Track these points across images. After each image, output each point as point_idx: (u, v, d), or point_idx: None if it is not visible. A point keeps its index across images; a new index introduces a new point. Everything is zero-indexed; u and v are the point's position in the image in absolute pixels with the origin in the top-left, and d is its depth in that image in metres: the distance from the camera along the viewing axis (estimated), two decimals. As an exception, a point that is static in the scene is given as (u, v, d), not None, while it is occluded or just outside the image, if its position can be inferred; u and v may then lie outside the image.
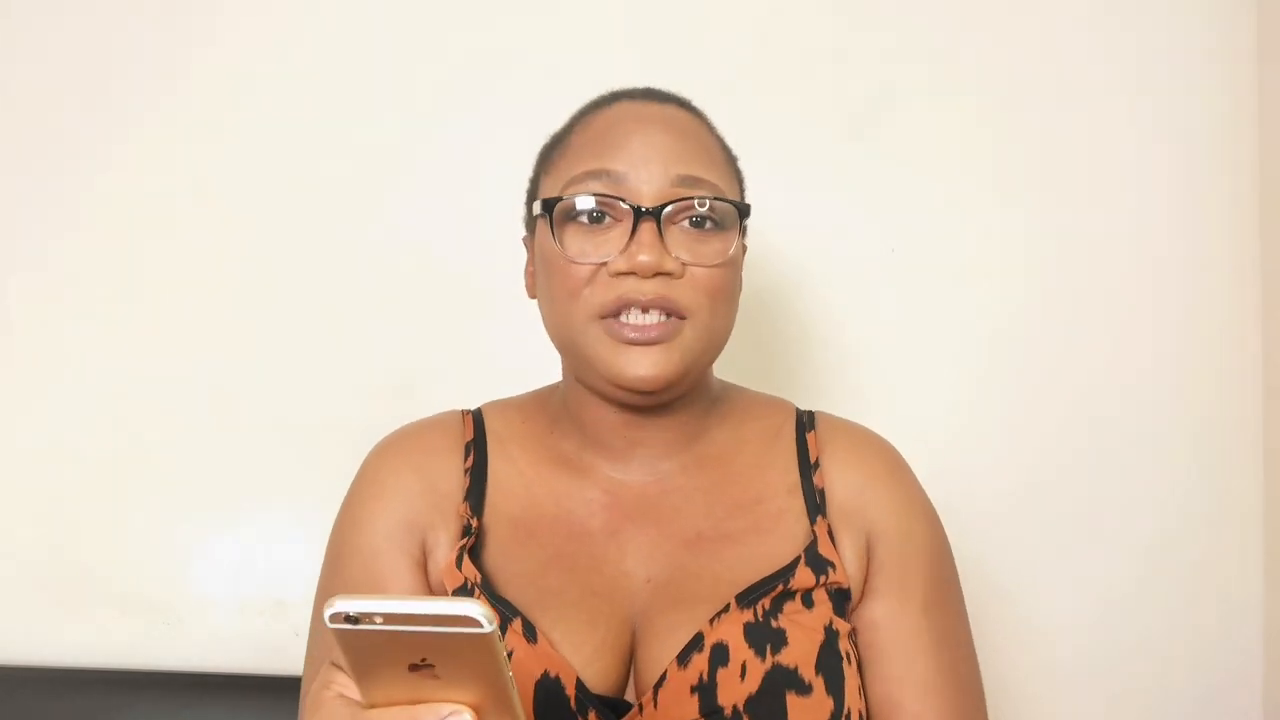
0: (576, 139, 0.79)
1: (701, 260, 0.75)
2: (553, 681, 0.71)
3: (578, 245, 0.76)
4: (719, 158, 0.80)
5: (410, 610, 0.48)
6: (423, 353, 1.34)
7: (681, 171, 0.75)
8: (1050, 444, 1.32)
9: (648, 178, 0.75)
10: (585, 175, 0.76)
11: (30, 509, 1.35)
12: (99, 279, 1.36)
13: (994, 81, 1.33)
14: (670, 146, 0.76)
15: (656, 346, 0.74)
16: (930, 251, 1.33)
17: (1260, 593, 1.30)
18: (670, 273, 0.74)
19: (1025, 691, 1.29)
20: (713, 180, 0.76)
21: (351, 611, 0.48)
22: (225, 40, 1.37)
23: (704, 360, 0.78)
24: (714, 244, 0.76)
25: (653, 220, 0.73)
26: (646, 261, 0.72)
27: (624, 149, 0.75)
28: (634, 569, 0.78)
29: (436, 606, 0.48)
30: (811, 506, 0.80)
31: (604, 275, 0.75)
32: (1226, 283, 1.32)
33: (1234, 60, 1.33)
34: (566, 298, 0.76)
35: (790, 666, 0.71)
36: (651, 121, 0.77)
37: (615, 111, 0.79)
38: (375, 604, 0.48)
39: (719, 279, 0.76)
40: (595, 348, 0.75)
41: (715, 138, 0.82)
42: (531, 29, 1.35)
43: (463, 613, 0.48)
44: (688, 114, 0.81)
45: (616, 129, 0.77)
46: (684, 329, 0.75)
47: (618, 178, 0.75)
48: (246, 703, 1.24)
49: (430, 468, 0.82)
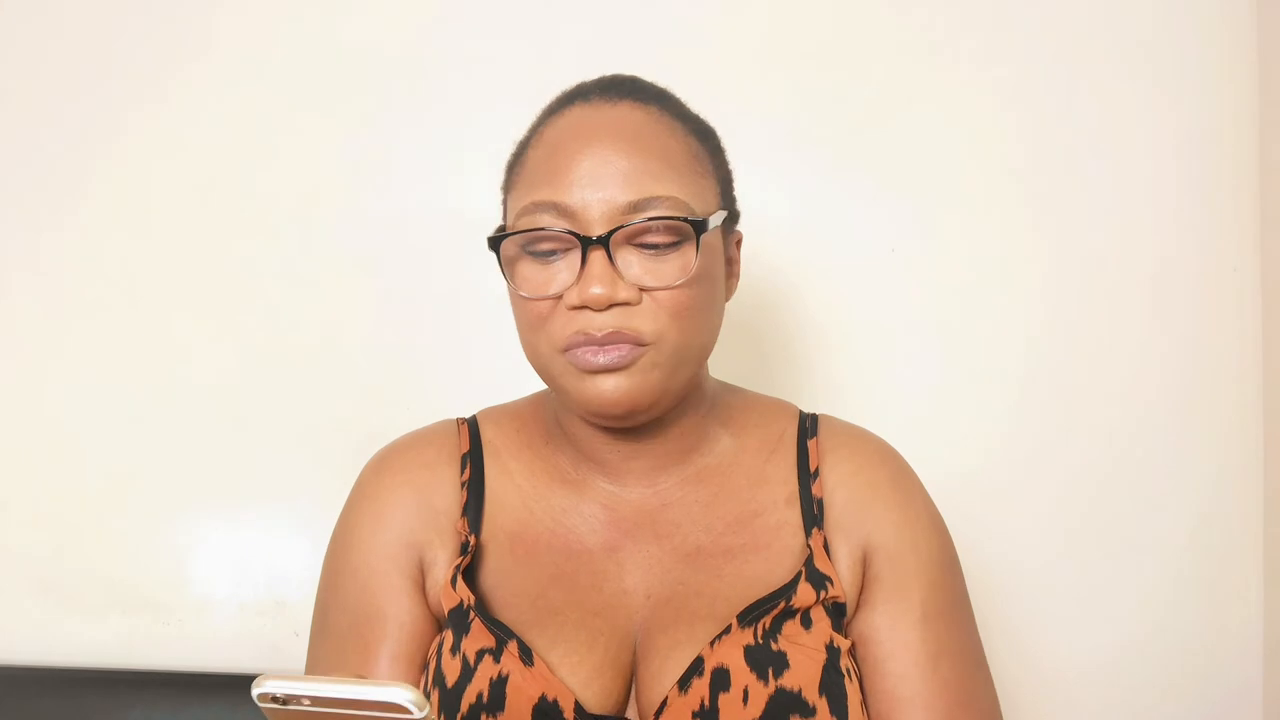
0: (530, 157, 0.76)
1: (661, 282, 0.72)
2: (550, 705, 0.70)
3: (533, 280, 0.73)
4: (680, 160, 0.74)
5: (338, 694, 0.47)
6: (423, 353, 1.33)
7: (633, 194, 0.71)
8: (1050, 444, 1.32)
9: (597, 204, 0.71)
10: (533, 206, 0.73)
11: (31, 509, 1.35)
12: (100, 280, 1.36)
13: (994, 81, 1.33)
14: (621, 166, 0.72)
15: (620, 373, 0.71)
16: (930, 252, 1.33)
17: (1260, 593, 1.30)
18: (626, 302, 0.71)
19: (1023, 691, 1.29)
20: (669, 194, 0.72)
21: (279, 693, 0.48)
22: (225, 41, 1.36)
23: (680, 377, 0.75)
24: (673, 263, 0.72)
25: (602, 249, 0.70)
26: (599, 294, 0.70)
27: (572, 174, 0.72)
28: (634, 586, 0.77)
29: (365, 692, 0.47)
30: (809, 518, 0.79)
31: (562, 308, 0.72)
32: (1228, 285, 1.32)
33: (1235, 60, 1.32)
34: (530, 331, 0.75)
35: (794, 690, 0.70)
36: (602, 136, 0.73)
37: (568, 121, 0.75)
38: (303, 686, 0.48)
39: (683, 299, 0.72)
40: (563, 379, 0.74)
41: (680, 132, 0.76)
42: (531, 28, 1.34)
43: (391, 699, 0.47)
44: (646, 112, 0.75)
45: (565, 149, 0.73)
46: (646, 355, 0.72)
47: (566, 208, 0.71)
48: (246, 703, 1.23)
49: (427, 484, 0.81)
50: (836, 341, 1.33)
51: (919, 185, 1.32)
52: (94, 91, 1.37)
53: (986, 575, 1.22)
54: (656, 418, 0.77)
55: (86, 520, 1.34)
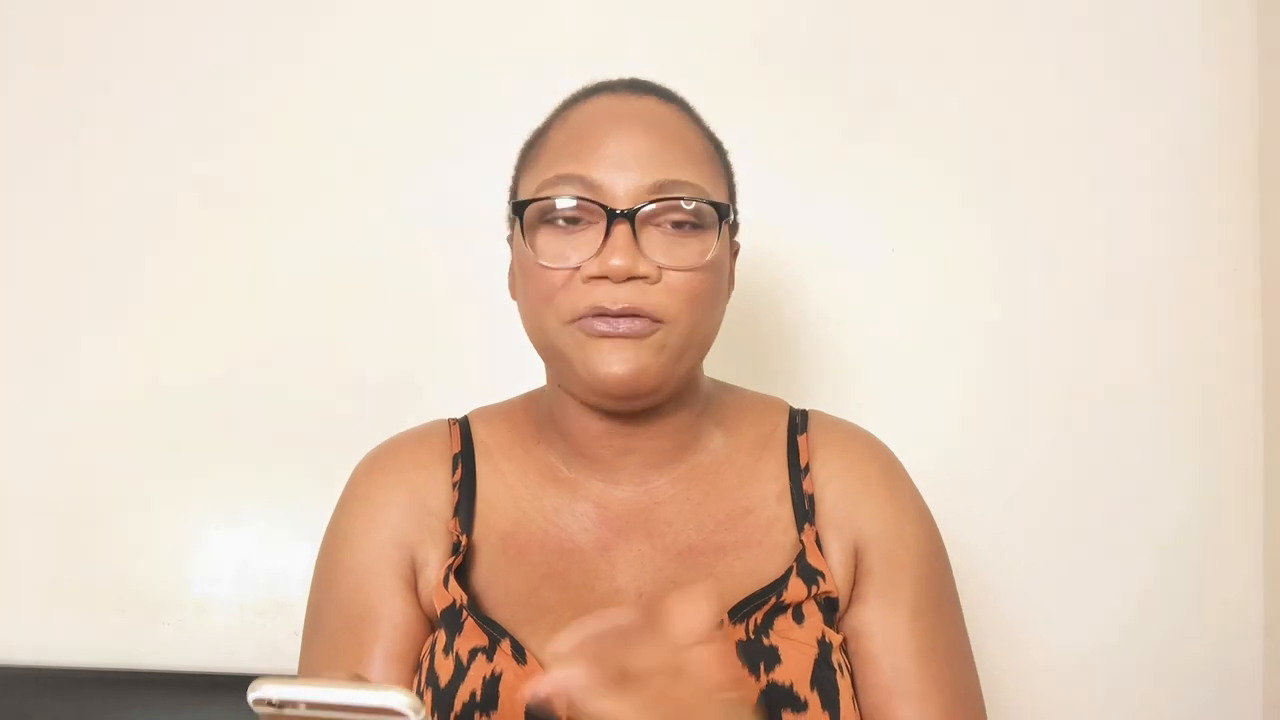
0: (554, 137, 0.77)
1: (679, 263, 0.73)
2: (544, 703, 0.70)
3: (552, 249, 0.73)
4: (700, 154, 0.76)
5: (333, 699, 0.48)
6: (422, 353, 1.33)
7: (659, 175, 0.72)
8: (1050, 444, 1.32)
9: (623, 181, 0.72)
10: (559, 179, 0.73)
11: (31, 509, 1.35)
12: (99, 280, 1.36)
13: (995, 81, 1.33)
14: (647, 148, 0.73)
15: (629, 341, 0.71)
16: (930, 252, 1.32)
17: (1260, 593, 1.30)
18: (645, 277, 0.71)
19: (1022, 692, 1.29)
20: (692, 180, 0.73)
21: (274, 698, 0.48)
22: (226, 41, 1.36)
23: (684, 364, 0.75)
24: (692, 246, 0.73)
25: (627, 223, 0.71)
26: (619, 265, 0.70)
27: (599, 151, 0.73)
28: (626, 585, 0.77)
29: (360, 696, 0.48)
30: (800, 513, 0.79)
31: (578, 280, 0.72)
32: (1227, 284, 1.32)
33: (1234, 60, 1.32)
34: (541, 302, 0.74)
35: (785, 684, 0.71)
36: (629, 121, 0.74)
37: (593, 107, 0.77)
38: (299, 690, 0.48)
39: (698, 282, 0.73)
40: (570, 349, 0.73)
41: (699, 132, 0.78)
42: (530, 27, 1.34)
43: (386, 704, 0.47)
44: (669, 108, 0.77)
45: (593, 129, 0.74)
46: (658, 331, 0.72)
47: (592, 182, 0.72)
48: (246, 703, 1.23)
49: (419, 484, 0.81)
50: (836, 341, 1.33)
51: (919, 185, 1.32)
52: (94, 92, 1.37)
53: (979, 571, 1.22)
54: (654, 406, 0.77)
55: (87, 520, 1.34)
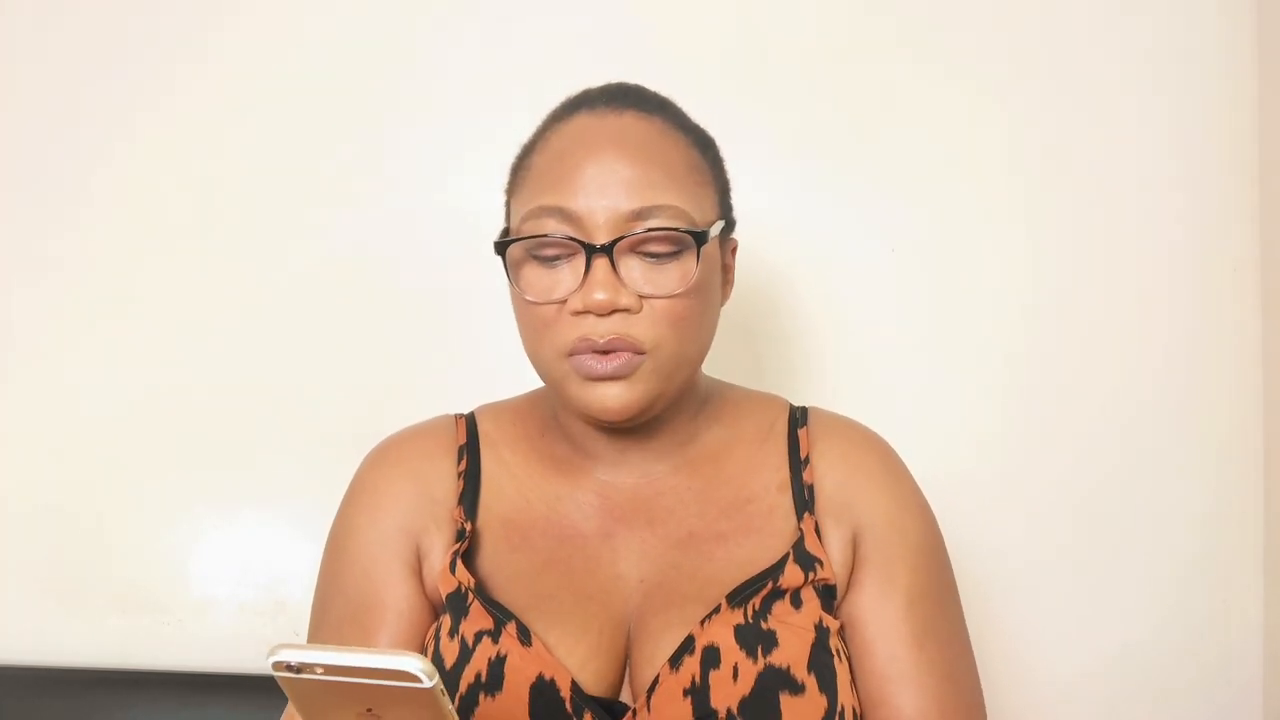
0: (536, 162, 0.78)
1: (661, 290, 0.74)
2: (548, 684, 0.71)
3: (539, 284, 0.75)
4: (681, 170, 0.76)
5: (350, 663, 0.49)
6: (423, 353, 1.34)
7: (637, 202, 0.73)
8: (1049, 444, 1.32)
9: (602, 210, 0.73)
10: (541, 210, 0.74)
11: (31, 509, 1.35)
12: (100, 281, 1.36)
13: (995, 81, 1.33)
14: (627, 174, 0.74)
15: (620, 381, 0.74)
16: (931, 252, 1.33)
17: (1260, 593, 1.30)
18: (627, 308, 0.73)
19: (1021, 692, 1.29)
20: (672, 203, 0.74)
21: (293, 661, 0.49)
22: (226, 42, 1.37)
23: (674, 384, 0.77)
24: (672, 272, 0.74)
25: (605, 256, 0.72)
26: (601, 300, 0.72)
27: (578, 180, 0.74)
28: (627, 571, 0.78)
29: (376, 660, 0.49)
30: (800, 502, 0.81)
31: (565, 313, 0.74)
32: (1228, 285, 1.32)
33: (1234, 61, 1.32)
34: (533, 337, 0.77)
35: (782, 667, 0.72)
36: (606, 144, 0.75)
37: (573, 128, 0.77)
38: (317, 655, 0.49)
39: (680, 308, 0.74)
40: (565, 384, 0.76)
41: (681, 142, 0.78)
42: (531, 30, 1.35)
43: (402, 667, 0.48)
44: (649, 122, 0.77)
45: (571, 155, 0.75)
46: (645, 363, 0.74)
47: (571, 213, 0.73)
48: (246, 703, 1.24)
49: (424, 473, 0.83)
50: (836, 341, 1.33)
51: (918, 186, 1.33)
52: (95, 93, 1.37)
53: (982, 576, 1.22)
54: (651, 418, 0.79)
55: (87, 520, 1.35)
